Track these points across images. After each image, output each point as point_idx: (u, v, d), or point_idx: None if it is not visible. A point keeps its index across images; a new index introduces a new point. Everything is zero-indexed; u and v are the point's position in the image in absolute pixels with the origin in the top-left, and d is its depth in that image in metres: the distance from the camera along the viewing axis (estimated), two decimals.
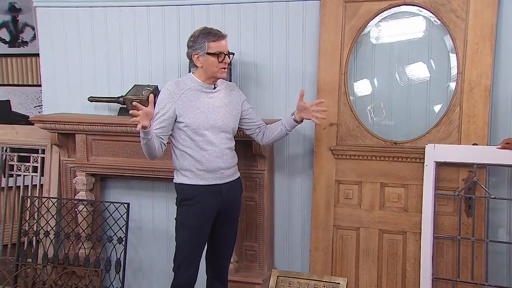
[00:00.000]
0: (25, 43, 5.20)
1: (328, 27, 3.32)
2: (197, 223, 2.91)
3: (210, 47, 2.86)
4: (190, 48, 2.92)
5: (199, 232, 2.94)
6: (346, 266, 3.34)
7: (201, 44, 2.87)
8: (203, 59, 2.88)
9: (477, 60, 3.04)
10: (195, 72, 2.97)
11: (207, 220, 2.94)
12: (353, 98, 3.35)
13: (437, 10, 3.12)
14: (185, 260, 2.94)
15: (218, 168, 2.91)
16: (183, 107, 2.87)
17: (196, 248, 2.96)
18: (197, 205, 2.90)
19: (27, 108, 5.14)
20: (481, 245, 3.04)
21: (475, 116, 3.05)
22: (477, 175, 3.02)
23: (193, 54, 2.90)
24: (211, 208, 2.94)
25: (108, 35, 3.82)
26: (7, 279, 3.79)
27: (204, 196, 2.90)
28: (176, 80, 2.99)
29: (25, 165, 4.08)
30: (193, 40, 2.90)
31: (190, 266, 2.94)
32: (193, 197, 2.90)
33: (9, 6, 5.13)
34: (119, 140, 3.64)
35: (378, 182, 3.26)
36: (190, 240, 2.93)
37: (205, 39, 2.87)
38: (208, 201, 2.91)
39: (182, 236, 2.93)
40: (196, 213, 2.90)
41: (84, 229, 3.74)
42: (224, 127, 2.94)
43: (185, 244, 2.93)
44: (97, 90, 3.86)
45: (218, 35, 2.90)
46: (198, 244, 2.96)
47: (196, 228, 2.92)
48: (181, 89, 2.90)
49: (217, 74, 2.91)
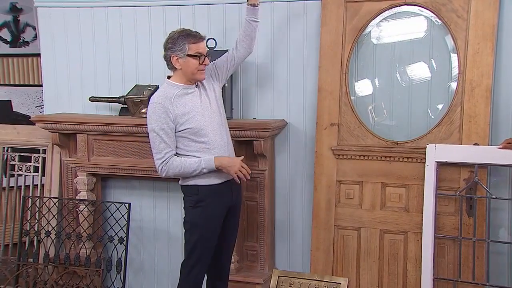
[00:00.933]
0: (26, 43, 5.20)
1: (329, 27, 3.32)
2: (212, 223, 2.91)
3: (191, 48, 2.82)
4: (169, 50, 2.86)
5: (213, 233, 2.93)
6: (347, 266, 3.34)
7: (181, 46, 2.82)
8: (182, 61, 2.84)
9: (478, 60, 3.04)
10: (173, 77, 2.92)
11: (220, 219, 2.94)
12: (354, 98, 3.34)
13: (438, 10, 3.12)
14: (199, 261, 2.93)
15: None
16: (178, 115, 2.83)
17: (209, 250, 2.95)
18: (213, 204, 2.89)
19: (28, 108, 5.14)
20: (482, 245, 3.04)
21: (476, 116, 3.04)
22: (478, 175, 3.01)
23: (172, 56, 2.85)
24: (225, 207, 2.95)
25: (109, 35, 3.83)
26: (8, 279, 3.80)
27: (219, 194, 2.90)
28: (159, 92, 2.92)
29: (26, 165, 4.08)
30: (172, 42, 2.84)
31: (203, 266, 2.95)
32: (210, 197, 2.89)
33: (10, 6, 5.13)
34: (120, 140, 3.63)
35: (379, 182, 3.26)
36: (205, 240, 2.91)
37: (185, 41, 2.82)
38: (222, 199, 2.92)
39: (196, 238, 2.90)
40: (212, 213, 2.90)
41: (85, 229, 3.74)
42: (217, 121, 2.93)
43: (198, 247, 2.91)
44: (98, 90, 3.86)
45: (198, 37, 2.87)
46: (211, 246, 2.95)
47: (211, 228, 2.91)
48: (169, 98, 2.84)
49: (196, 75, 2.87)
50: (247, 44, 3.11)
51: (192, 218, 2.93)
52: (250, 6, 3.07)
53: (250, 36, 3.10)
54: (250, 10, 3.07)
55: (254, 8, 3.07)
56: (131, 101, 3.62)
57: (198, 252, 2.91)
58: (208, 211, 2.89)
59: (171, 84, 2.91)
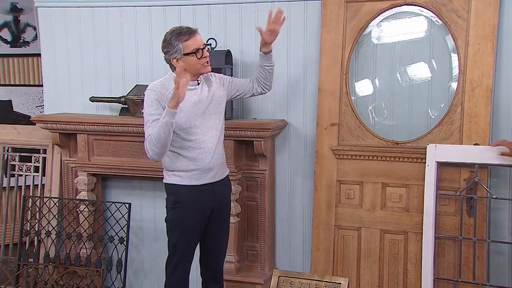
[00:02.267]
0: (26, 43, 5.20)
1: (330, 27, 3.32)
2: (191, 224, 2.89)
3: (186, 46, 2.77)
4: (167, 54, 2.83)
5: (193, 233, 2.92)
6: (348, 266, 3.34)
7: (176, 47, 2.78)
8: (182, 61, 2.80)
9: (479, 60, 3.04)
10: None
11: (201, 221, 2.92)
12: (354, 98, 3.34)
13: (438, 10, 3.12)
14: (181, 261, 2.93)
15: (211, 167, 2.88)
16: None
17: (192, 248, 2.96)
18: (191, 206, 2.87)
19: (28, 108, 5.14)
20: (483, 245, 3.04)
21: (476, 116, 3.04)
22: (478, 175, 3.01)
23: (171, 59, 2.82)
24: (204, 209, 2.91)
25: (109, 35, 3.83)
26: (8, 279, 3.80)
27: (197, 196, 2.87)
28: (159, 80, 2.90)
29: (26, 165, 4.08)
30: (167, 45, 2.81)
31: (186, 266, 2.95)
32: (187, 199, 2.86)
33: (11, 6, 5.13)
34: (120, 140, 3.64)
35: (379, 182, 3.26)
36: (185, 241, 2.91)
37: (178, 41, 2.78)
38: (201, 201, 2.88)
39: (176, 237, 2.91)
40: (190, 214, 2.87)
41: (85, 229, 3.75)
42: (212, 123, 2.88)
43: (180, 245, 2.91)
44: (98, 90, 3.87)
45: (190, 32, 2.80)
46: (193, 244, 2.96)
47: (190, 229, 2.90)
48: (166, 89, 2.81)
49: (201, 70, 2.83)
50: (267, 86, 3.06)
51: (170, 218, 2.92)
52: (262, 53, 2.97)
53: (268, 79, 3.04)
54: (263, 57, 2.98)
55: (267, 55, 2.97)
56: (132, 101, 3.62)
57: (180, 251, 2.92)
58: (185, 213, 2.87)
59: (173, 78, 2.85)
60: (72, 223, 3.82)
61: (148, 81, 3.68)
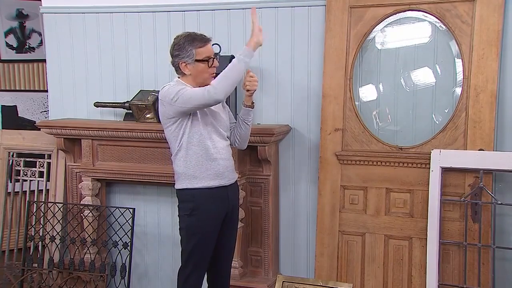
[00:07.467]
0: (32, 49, 5.23)
1: (334, 32, 3.32)
2: (209, 229, 2.87)
3: (198, 53, 2.78)
4: (177, 57, 2.82)
5: (210, 239, 2.89)
6: (352, 271, 3.33)
7: (189, 51, 2.78)
8: (191, 67, 2.80)
9: (483, 65, 3.03)
10: (184, 78, 2.87)
11: (217, 225, 2.90)
12: (358, 103, 3.34)
13: (442, 16, 3.12)
14: (195, 268, 2.90)
15: (225, 169, 2.89)
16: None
17: (207, 255, 2.91)
18: (207, 211, 2.85)
19: (33, 114, 5.16)
20: (488, 251, 3.02)
21: (481, 122, 3.04)
22: (483, 181, 3.00)
23: (180, 63, 2.81)
24: (220, 213, 2.90)
25: (114, 41, 3.84)
26: (13, 284, 3.81)
27: (214, 200, 2.86)
28: (170, 84, 2.88)
29: (31, 170, 4.09)
30: (179, 49, 2.80)
31: (200, 274, 2.92)
32: (204, 203, 2.84)
33: (17, 12, 5.17)
34: (125, 145, 3.64)
35: (383, 188, 3.25)
36: (201, 248, 2.87)
37: (191, 46, 2.78)
38: (217, 205, 2.88)
39: (193, 244, 2.87)
40: (207, 220, 2.85)
41: (89, 234, 3.75)
42: (225, 129, 2.94)
43: (196, 253, 2.87)
44: (103, 95, 3.88)
45: (204, 40, 2.82)
46: (208, 251, 2.91)
47: (208, 235, 2.87)
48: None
49: (207, 80, 2.83)
50: (240, 143, 3.07)
51: (188, 226, 2.88)
52: (244, 107, 2.99)
53: (243, 138, 3.05)
54: (244, 110, 2.99)
55: (247, 108, 2.98)
56: (136, 106, 3.63)
57: (194, 260, 2.88)
58: (205, 218, 2.85)
59: (181, 83, 2.86)
60: (76, 228, 3.82)
61: (153, 86, 3.72)
